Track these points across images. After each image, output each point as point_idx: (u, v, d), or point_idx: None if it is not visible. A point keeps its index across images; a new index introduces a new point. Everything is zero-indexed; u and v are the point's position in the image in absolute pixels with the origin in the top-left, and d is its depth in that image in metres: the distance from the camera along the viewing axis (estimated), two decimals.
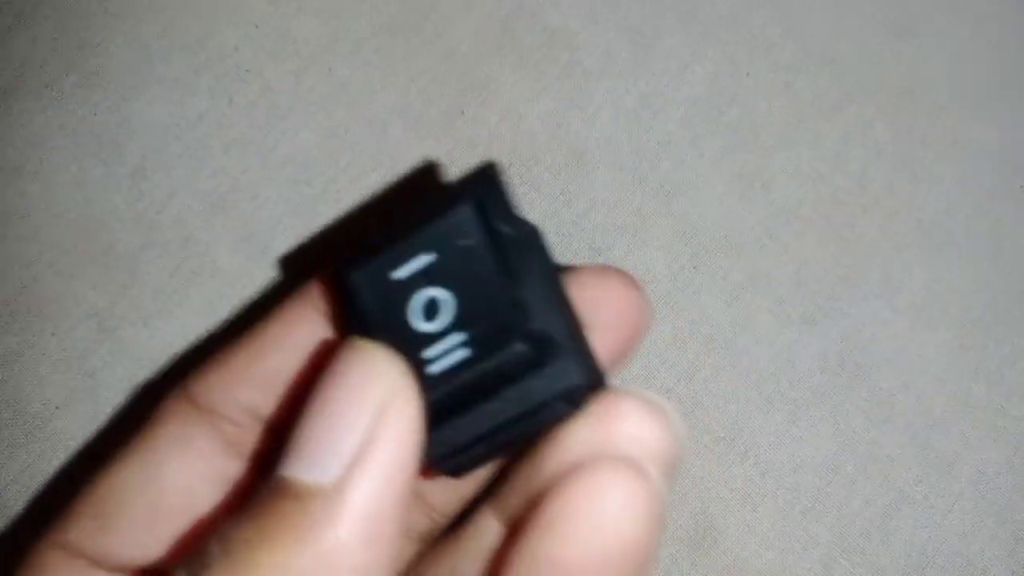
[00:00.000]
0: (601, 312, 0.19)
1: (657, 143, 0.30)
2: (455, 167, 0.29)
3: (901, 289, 0.29)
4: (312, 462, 0.15)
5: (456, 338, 0.17)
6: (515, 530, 0.18)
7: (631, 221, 0.29)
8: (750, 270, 0.29)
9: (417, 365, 0.17)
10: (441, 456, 0.17)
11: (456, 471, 0.18)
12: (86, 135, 0.29)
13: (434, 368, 0.17)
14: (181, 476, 0.20)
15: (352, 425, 0.15)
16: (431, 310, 0.17)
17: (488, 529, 0.20)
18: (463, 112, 0.30)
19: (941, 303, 0.29)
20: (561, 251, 0.29)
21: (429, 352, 0.17)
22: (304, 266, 0.29)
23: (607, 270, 0.20)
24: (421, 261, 0.17)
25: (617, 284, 0.20)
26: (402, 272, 0.17)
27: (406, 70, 0.30)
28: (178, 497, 0.20)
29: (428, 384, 0.17)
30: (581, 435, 0.17)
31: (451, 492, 0.22)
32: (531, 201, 0.29)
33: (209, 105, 0.29)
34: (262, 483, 0.16)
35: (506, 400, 0.17)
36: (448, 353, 0.17)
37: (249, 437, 0.21)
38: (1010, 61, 0.30)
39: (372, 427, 0.15)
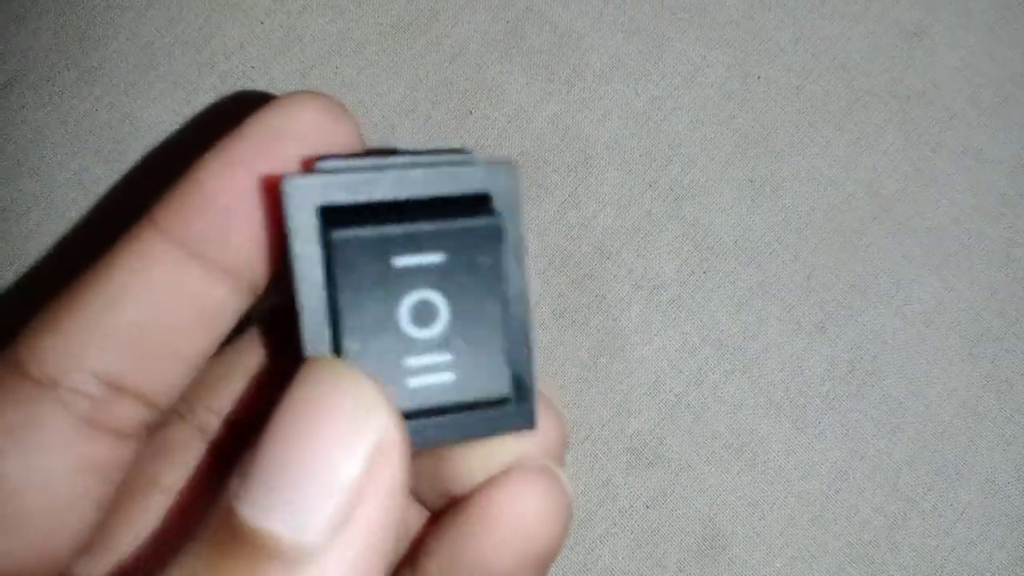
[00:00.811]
0: None
1: (667, 146, 0.29)
2: None
3: (911, 297, 0.29)
4: (294, 517, 0.14)
5: (442, 357, 0.16)
6: (435, 521, 0.19)
7: (640, 225, 0.29)
8: (760, 276, 0.29)
9: (398, 373, 0.16)
10: None
11: None
12: (86, 132, 0.29)
13: (414, 382, 0.16)
14: (33, 476, 0.17)
15: (339, 478, 0.14)
16: (423, 315, 0.16)
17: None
18: (471, 113, 0.29)
19: (951, 311, 0.29)
20: (569, 254, 0.28)
21: (412, 361, 0.16)
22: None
23: None
24: (429, 258, 0.16)
25: None
26: (404, 261, 0.16)
27: (413, 70, 0.30)
28: (33, 502, 0.17)
29: (402, 395, 0.16)
30: (497, 444, 0.18)
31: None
32: (540, 203, 0.29)
33: (214, 103, 0.29)
34: (217, 518, 0.14)
35: (461, 421, 0.17)
36: (431, 371, 0.16)
37: (111, 411, 0.17)
38: (1022, 67, 0.30)
39: (361, 481, 0.14)
